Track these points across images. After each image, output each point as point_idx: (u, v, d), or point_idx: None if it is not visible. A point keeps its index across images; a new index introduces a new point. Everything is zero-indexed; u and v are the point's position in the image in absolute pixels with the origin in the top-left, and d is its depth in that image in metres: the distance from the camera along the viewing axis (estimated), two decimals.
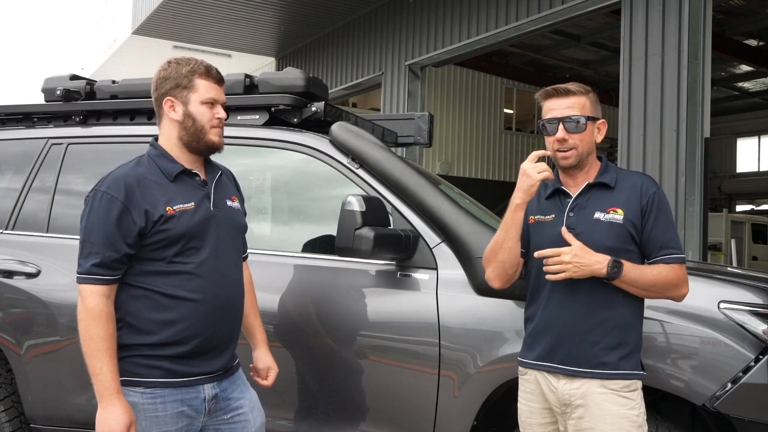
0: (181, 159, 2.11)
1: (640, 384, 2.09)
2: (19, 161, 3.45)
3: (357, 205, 2.48)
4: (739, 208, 22.59)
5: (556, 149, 2.14)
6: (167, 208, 1.99)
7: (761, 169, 22.46)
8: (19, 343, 3.07)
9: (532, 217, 2.21)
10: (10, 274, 3.16)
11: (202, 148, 2.12)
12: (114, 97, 3.49)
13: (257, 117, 3.21)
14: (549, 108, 2.16)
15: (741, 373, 2.20)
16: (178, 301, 2.00)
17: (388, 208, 2.75)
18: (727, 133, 21.87)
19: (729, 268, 3.58)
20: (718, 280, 2.51)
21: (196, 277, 2.02)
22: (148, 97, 2.27)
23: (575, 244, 2.03)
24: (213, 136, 2.12)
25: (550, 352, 2.12)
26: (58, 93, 3.47)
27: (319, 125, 3.23)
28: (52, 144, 3.41)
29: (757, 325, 2.23)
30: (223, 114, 2.14)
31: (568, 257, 2.00)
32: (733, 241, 14.22)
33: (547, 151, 2.17)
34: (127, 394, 1.94)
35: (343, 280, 2.78)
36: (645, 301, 2.15)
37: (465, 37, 9.76)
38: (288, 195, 3.38)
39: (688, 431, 2.46)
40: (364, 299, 2.73)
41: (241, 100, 3.20)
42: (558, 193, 2.21)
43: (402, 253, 2.64)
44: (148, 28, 13.31)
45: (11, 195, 3.38)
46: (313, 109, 3.21)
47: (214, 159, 2.24)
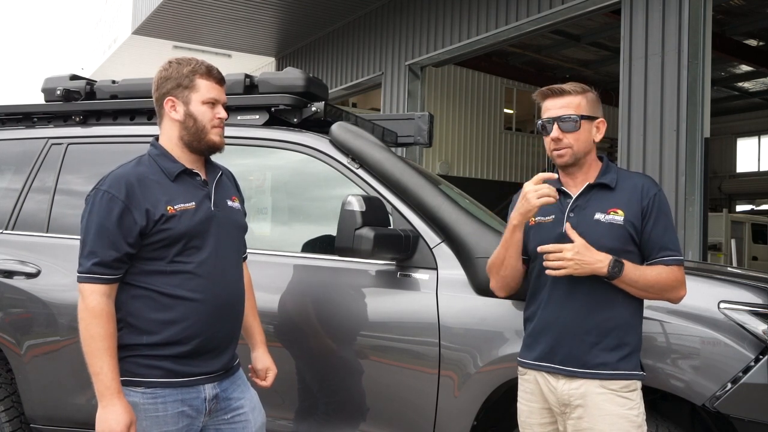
0: (181, 159, 2.11)
1: (639, 384, 2.09)
2: (19, 161, 3.45)
3: (357, 205, 2.48)
4: (739, 208, 22.58)
5: (552, 148, 2.17)
6: (168, 208, 2.00)
7: (761, 169, 22.46)
8: (19, 343, 3.07)
9: (533, 218, 2.21)
10: (10, 274, 3.17)
11: (203, 147, 2.13)
12: (114, 97, 3.49)
13: (257, 117, 3.21)
14: (545, 108, 2.19)
15: (741, 373, 2.20)
16: (179, 300, 2.00)
17: (388, 208, 2.75)
18: (727, 133, 21.87)
19: (729, 268, 3.58)
20: (718, 280, 2.51)
21: (197, 277, 2.02)
22: (148, 97, 2.27)
23: (578, 241, 2.03)
24: (214, 136, 2.12)
25: (549, 353, 2.12)
26: (58, 93, 3.47)
27: (319, 125, 3.23)
28: (52, 144, 3.41)
29: (757, 325, 2.23)
30: (224, 114, 2.14)
31: (570, 254, 2.00)
32: (733, 241, 14.22)
33: (554, 174, 2.17)
34: (127, 394, 1.94)
35: (343, 280, 2.78)
36: (645, 301, 2.15)
37: (465, 37, 9.76)
38: (288, 195, 3.38)
39: (688, 431, 2.46)
40: (364, 299, 2.73)
41: (241, 100, 3.20)
42: (558, 193, 2.20)
43: (402, 253, 2.64)
44: (148, 28, 13.30)
45: (11, 195, 3.38)
46: (313, 109, 3.21)
47: (214, 159, 2.24)
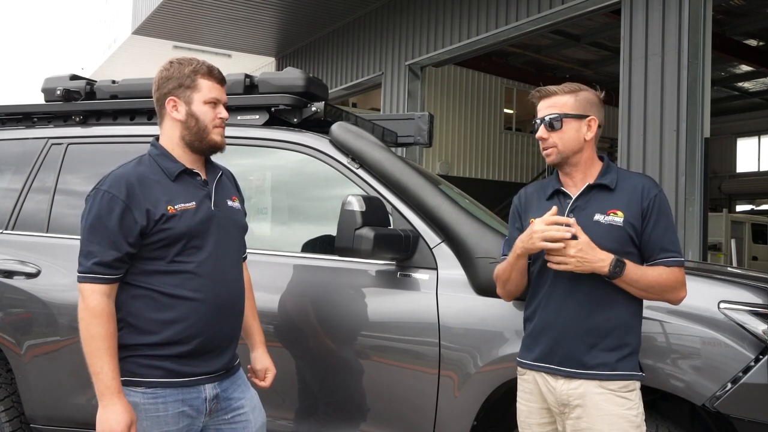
0: (182, 159, 2.11)
1: (638, 384, 2.09)
2: (19, 161, 3.46)
3: (357, 205, 2.48)
4: (739, 208, 22.58)
5: (541, 148, 2.20)
6: (168, 207, 2.00)
7: (761, 169, 22.46)
8: (19, 343, 3.07)
9: (533, 219, 2.21)
10: (10, 274, 3.17)
11: (205, 147, 2.13)
12: (114, 97, 3.49)
13: (257, 117, 3.21)
14: (537, 110, 2.23)
15: (741, 373, 2.20)
16: (179, 300, 2.00)
17: (388, 208, 2.75)
18: (727, 133, 21.87)
19: (729, 268, 3.58)
20: (718, 280, 2.51)
21: (197, 277, 2.02)
22: (148, 97, 2.27)
23: (583, 238, 2.02)
24: (215, 136, 2.12)
25: (549, 353, 2.11)
26: (58, 93, 3.48)
27: (319, 125, 3.23)
28: (52, 144, 3.41)
29: (757, 325, 2.23)
30: (225, 114, 2.14)
31: (573, 251, 2.00)
32: (733, 241, 14.21)
33: (561, 217, 2.07)
34: (128, 394, 1.94)
35: (343, 280, 2.78)
36: (645, 301, 2.14)
37: (465, 37, 9.76)
38: (288, 195, 3.38)
39: (688, 431, 2.46)
40: (364, 299, 2.73)
41: (241, 100, 3.20)
42: (558, 194, 2.21)
43: (402, 253, 2.64)
44: (148, 28, 13.30)
45: (11, 195, 3.39)
46: (313, 109, 3.21)
47: (214, 159, 2.24)
